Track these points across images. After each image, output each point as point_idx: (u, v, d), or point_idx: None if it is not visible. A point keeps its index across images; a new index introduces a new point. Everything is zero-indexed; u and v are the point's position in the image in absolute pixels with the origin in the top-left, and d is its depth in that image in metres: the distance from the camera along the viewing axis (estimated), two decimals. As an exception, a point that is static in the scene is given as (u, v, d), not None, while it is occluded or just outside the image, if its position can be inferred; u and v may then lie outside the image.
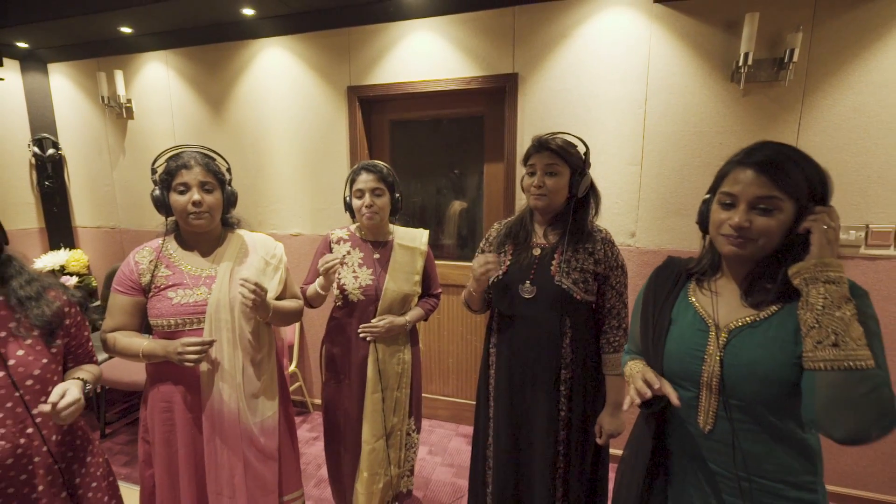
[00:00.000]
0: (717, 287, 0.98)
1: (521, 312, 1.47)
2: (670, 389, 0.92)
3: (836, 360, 0.75)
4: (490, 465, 1.61)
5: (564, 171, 1.38)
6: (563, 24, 2.26)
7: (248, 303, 1.34)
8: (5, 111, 3.24)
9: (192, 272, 1.42)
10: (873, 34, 1.89)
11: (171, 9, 2.55)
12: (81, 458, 1.24)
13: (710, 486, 0.95)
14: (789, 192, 0.84)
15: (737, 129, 2.08)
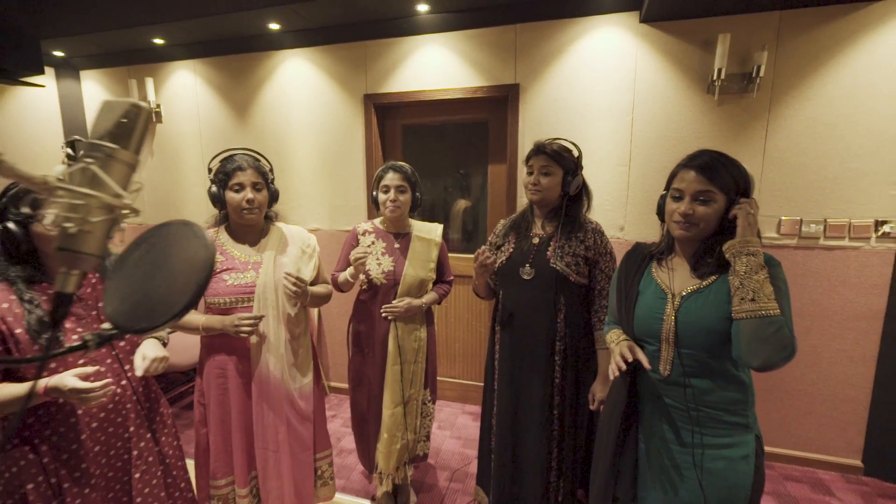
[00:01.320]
0: (673, 264, 1.25)
1: (522, 292, 1.73)
2: (642, 356, 1.18)
3: (753, 310, 1.02)
4: (494, 431, 1.87)
5: (557, 171, 1.64)
6: (560, 40, 2.52)
7: (290, 293, 1.60)
8: (41, 115, 3.49)
9: (242, 258, 1.67)
10: (829, 53, 2.15)
11: (204, 23, 2.80)
12: (156, 407, 1.50)
13: (669, 418, 1.21)
14: (721, 187, 1.11)
15: (712, 135, 2.34)
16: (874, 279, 2.22)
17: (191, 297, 0.60)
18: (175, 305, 0.59)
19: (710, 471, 1.16)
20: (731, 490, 1.15)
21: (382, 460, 1.99)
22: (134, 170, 0.55)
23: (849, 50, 2.14)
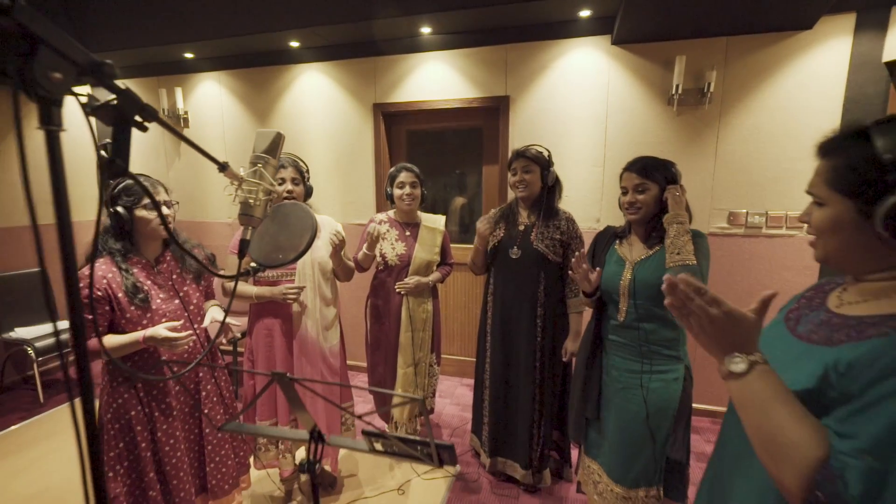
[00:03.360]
0: (630, 241, 1.66)
1: (510, 269, 2.13)
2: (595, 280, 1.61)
3: (679, 261, 1.42)
4: (487, 385, 2.27)
5: (536, 169, 2.04)
6: (545, 59, 2.93)
7: (336, 241, 1.98)
8: (79, 119, 3.84)
9: (283, 242, 2.06)
10: (768, 72, 2.57)
11: (231, 40, 3.17)
12: (215, 359, 1.89)
13: (623, 354, 1.62)
14: (652, 179, 1.52)
15: (672, 140, 2.76)
16: (807, 262, 2.64)
17: (305, 246, 0.99)
18: (295, 251, 0.99)
19: (651, 389, 1.57)
20: (664, 402, 1.56)
21: (397, 412, 2.39)
22: (276, 170, 0.94)
23: (784, 70, 2.56)
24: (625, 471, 1.63)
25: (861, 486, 0.57)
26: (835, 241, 0.74)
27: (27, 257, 3.53)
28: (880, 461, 0.57)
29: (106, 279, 1.56)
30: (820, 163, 0.76)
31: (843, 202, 0.71)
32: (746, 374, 0.68)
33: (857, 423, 0.61)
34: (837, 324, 0.73)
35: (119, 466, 1.64)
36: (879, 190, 0.65)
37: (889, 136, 0.65)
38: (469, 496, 2.25)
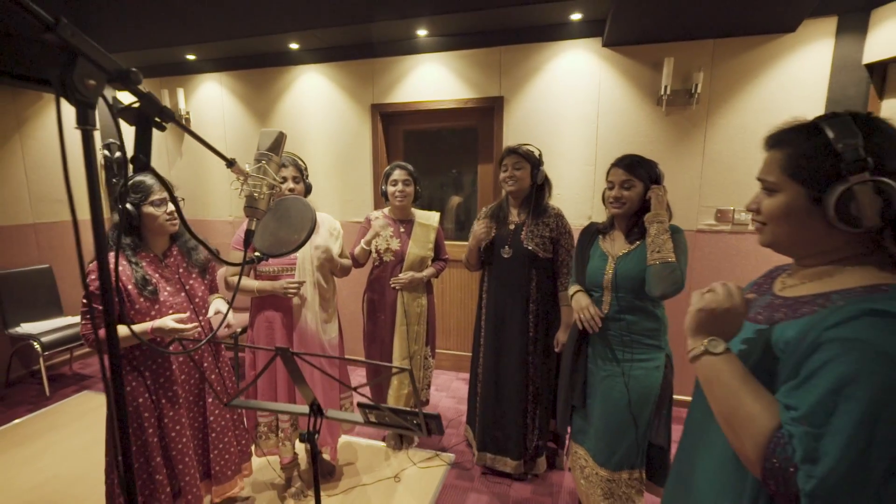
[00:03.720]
0: (613, 236, 1.74)
1: (502, 267, 2.21)
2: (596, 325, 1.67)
3: (659, 259, 1.51)
4: (480, 380, 2.35)
5: (526, 166, 2.12)
6: (538, 60, 3.01)
7: (323, 257, 2.07)
8: (82, 121, 3.92)
9: (283, 238, 2.14)
10: (753, 74, 2.66)
11: (232, 42, 3.25)
12: (219, 350, 1.97)
13: (607, 344, 1.70)
14: (638, 177, 1.60)
15: (661, 139, 2.84)
16: (791, 257, 2.72)
17: (305, 237, 1.07)
18: (295, 242, 1.07)
19: (633, 377, 1.65)
20: (646, 388, 1.64)
21: (393, 402, 2.46)
22: (279, 167, 1.02)
23: (768, 71, 2.64)
24: (609, 454, 1.71)
25: (802, 450, 0.64)
26: (785, 226, 0.79)
27: (32, 254, 3.60)
28: (815, 427, 0.64)
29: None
30: (771, 153, 0.82)
31: (796, 189, 0.76)
32: (721, 355, 0.77)
33: (797, 396, 0.68)
34: (778, 305, 0.81)
35: (127, 451, 1.72)
36: (831, 177, 0.71)
37: (840, 128, 0.71)
38: (463, 483, 2.33)
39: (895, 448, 0.61)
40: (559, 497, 2.23)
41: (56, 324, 3.45)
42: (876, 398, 0.61)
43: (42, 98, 3.61)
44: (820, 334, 0.67)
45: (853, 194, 0.69)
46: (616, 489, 1.72)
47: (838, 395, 0.63)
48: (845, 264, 0.76)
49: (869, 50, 2.45)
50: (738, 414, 0.73)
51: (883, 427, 0.60)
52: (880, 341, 0.63)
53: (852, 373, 0.63)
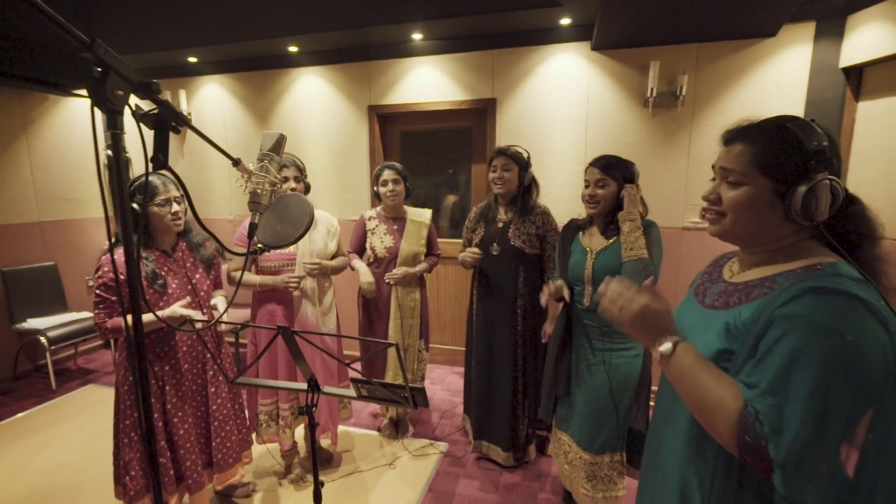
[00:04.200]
0: (592, 232, 1.84)
1: (492, 264, 2.31)
2: (566, 293, 1.77)
3: (633, 255, 1.60)
4: (474, 370, 2.45)
5: (514, 168, 2.22)
6: (529, 63, 3.11)
7: (311, 272, 2.16)
8: (85, 121, 4.01)
9: (283, 234, 2.24)
10: (735, 77, 2.76)
11: (233, 45, 3.35)
12: (221, 343, 2.07)
13: (588, 335, 1.80)
14: (612, 176, 1.70)
15: (648, 140, 2.94)
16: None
17: (302, 231, 1.17)
18: (294, 236, 1.16)
19: (613, 365, 1.75)
20: (626, 376, 1.74)
21: (388, 392, 2.56)
22: (280, 166, 1.12)
23: (750, 74, 2.74)
24: (591, 439, 1.81)
25: (768, 423, 0.71)
26: (745, 216, 0.84)
27: (38, 252, 3.69)
28: (776, 399, 0.71)
29: (127, 265, 1.74)
30: (737, 146, 0.85)
31: (763, 182, 0.81)
32: (674, 353, 0.82)
33: (757, 373, 0.74)
34: (731, 290, 0.89)
35: (133, 434, 1.82)
36: (798, 175, 0.77)
37: (808, 131, 0.78)
38: (455, 470, 2.43)
39: (848, 410, 0.67)
40: (546, 482, 2.33)
41: (61, 319, 3.54)
42: (823, 367, 0.68)
43: (47, 100, 3.70)
44: (772, 313, 0.74)
45: (815, 191, 0.76)
46: (598, 472, 1.82)
47: (791, 368, 0.70)
48: (788, 251, 0.84)
49: (845, 54, 2.55)
50: (707, 402, 0.78)
51: (834, 392, 0.67)
52: (819, 316, 0.70)
53: (799, 347, 0.70)
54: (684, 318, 0.98)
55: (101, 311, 1.74)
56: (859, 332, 0.68)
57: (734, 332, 0.81)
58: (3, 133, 3.45)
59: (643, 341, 0.88)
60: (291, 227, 1.17)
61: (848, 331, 0.68)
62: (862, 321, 0.69)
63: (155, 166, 0.79)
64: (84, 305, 3.97)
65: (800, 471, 0.68)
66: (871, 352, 0.68)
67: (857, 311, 0.69)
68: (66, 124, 3.86)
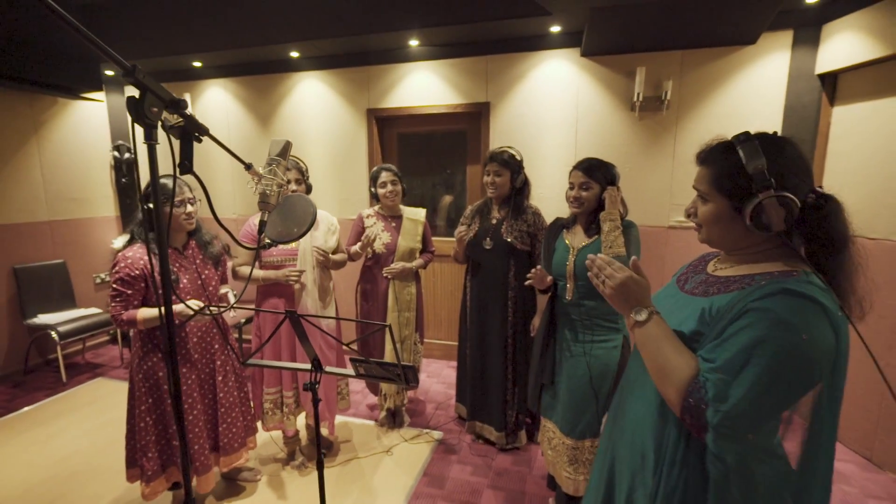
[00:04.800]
0: (575, 231, 1.97)
1: (484, 257, 2.44)
2: (549, 280, 1.90)
3: (612, 252, 1.73)
4: (467, 359, 2.58)
5: (506, 173, 2.35)
6: (521, 69, 3.24)
7: (319, 259, 2.29)
8: (93, 123, 4.14)
9: (286, 232, 2.37)
10: (718, 82, 2.89)
11: (237, 51, 3.47)
12: (227, 335, 2.19)
13: (572, 327, 1.93)
14: (595, 179, 1.83)
15: (635, 142, 3.07)
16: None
17: (306, 228, 1.30)
18: (298, 233, 1.29)
19: (594, 355, 1.88)
20: (605, 366, 1.86)
21: (385, 384, 2.69)
22: (286, 169, 1.24)
23: (732, 80, 2.87)
24: (573, 425, 1.93)
25: (714, 391, 0.83)
26: (716, 228, 0.96)
27: (47, 250, 3.82)
28: (726, 375, 0.82)
29: (143, 261, 1.87)
30: (702, 168, 0.97)
31: (722, 200, 0.92)
32: (647, 322, 0.95)
33: (716, 352, 0.86)
34: (712, 282, 1.01)
35: (148, 418, 1.95)
36: (745, 193, 0.88)
37: (749, 152, 0.89)
38: (449, 456, 2.56)
39: (784, 395, 0.79)
40: (534, 467, 2.46)
41: (70, 315, 3.67)
42: (777, 356, 0.79)
43: (57, 102, 3.83)
44: (746, 304, 0.85)
45: (762, 207, 0.86)
46: (580, 455, 1.94)
47: (750, 352, 0.80)
48: (765, 255, 0.95)
49: (821, 61, 2.68)
50: (666, 367, 0.90)
51: (778, 378, 0.79)
52: (786, 313, 0.80)
53: (763, 336, 0.79)
54: (662, 301, 1.11)
55: (117, 305, 1.87)
56: (814, 333, 0.79)
57: (707, 317, 0.93)
58: (15, 135, 3.58)
59: (621, 309, 1.00)
60: (296, 225, 1.30)
61: (805, 330, 0.78)
62: (819, 324, 0.80)
63: (181, 171, 0.92)
64: (92, 302, 4.10)
65: (730, 435, 0.81)
66: (819, 351, 0.79)
67: (817, 316, 0.80)
68: (74, 126, 3.98)
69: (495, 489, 2.30)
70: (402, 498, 2.23)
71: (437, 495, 2.25)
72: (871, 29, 2.35)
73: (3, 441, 2.75)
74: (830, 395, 0.83)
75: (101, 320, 3.70)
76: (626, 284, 0.98)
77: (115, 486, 2.33)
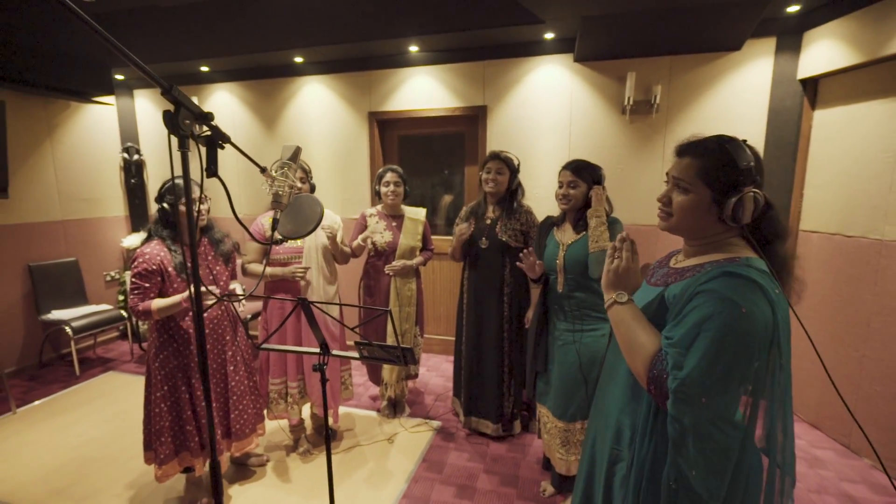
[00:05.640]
0: (564, 228, 2.09)
1: (480, 255, 2.57)
2: (539, 269, 2.03)
3: (598, 247, 1.86)
4: (463, 355, 2.70)
5: (506, 172, 2.47)
6: (517, 73, 3.36)
7: (329, 235, 2.41)
8: (104, 126, 4.28)
9: (292, 231, 2.49)
10: (705, 86, 3.01)
11: (243, 56, 3.60)
12: (237, 327, 2.32)
13: (563, 317, 2.06)
14: (582, 178, 1.96)
15: (626, 144, 3.20)
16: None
17: (314, 225, 1.42)
18: (306, 229, 1.42)
19: (583, 343, 2.01)
20: (593, 353, 1.99)
21: (387, 374, 2.82)
22: (296, 171, 1.37)
23: (718, 84, 3.00)
24: (565, 409, 2.07)
25: (672, 362, 0.96)
26: (690, 217, 1.04)
27: (61, 248, 3.96)
28: (681, 348, 0.95)
29: (160, 256, 2.00)
30: (687, 159, 1.04)
31: (705, 191, 1.00)
32: (625, 304, 1.09)
33: (674, 330, 0.99)
34: (671, 273, 1.14)
35: (164, 405, 2.08)
36: (731, 186, 0.97)
37: (740, 151, 1.00)
38: (447, 444, 2.69)
39: (730, 362, 0.91)
40: (528, 453, 2.59)
41: (82, 311, 3.80)
42: (722, 329, 0.91)
43: (69, 107, 3.96)
44: (696, 288, 0.98)
45: (743, 201, 0.96)
46: (571, 437, 2.08)
47: (700, 327, 0.92)
48: (716, 246, 1.07)
49: (802, 67, 2.80)
50: (635, 343, 1.03)
51: (725, 347, 0.91)
52: (728, 292, 0.93)
53: (709, 313, 0.91)
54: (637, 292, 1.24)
55: (135, 297, 2.00)
56: (753, 307, 0.91)
57: (666, 302, 1.06)
58: (31, 138, 3.71)
59: (611, 287, 1.13)
60: (305, 223, 1.43)
61: (745, 305, 0.91)
62: (756, 300, 0.92)
63: (207, 175, 1.05)
64: (102, 298, 4.24)
65: (685, 399, 0.93)
66: (757, 322, 0.91)
67: (754, 293, 0.92)
68: (86, 129, 4.12)
69: (490, 473, 2.43)
70: (403, 481, 2.36)
71: (435, 479, 2.38)
72: (848, 37, 2.47)
73: (23, 429, 2.89)
74: (778, 366, 0.95)
75: (112, 316, 3.84)
76: (632, 270, 1.12)
77: (130, 470, 2.46)
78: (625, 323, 1.08)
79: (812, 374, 2.78)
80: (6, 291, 3.60)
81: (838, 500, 2.21)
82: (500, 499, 2.24)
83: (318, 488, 2.32)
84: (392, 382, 2.86)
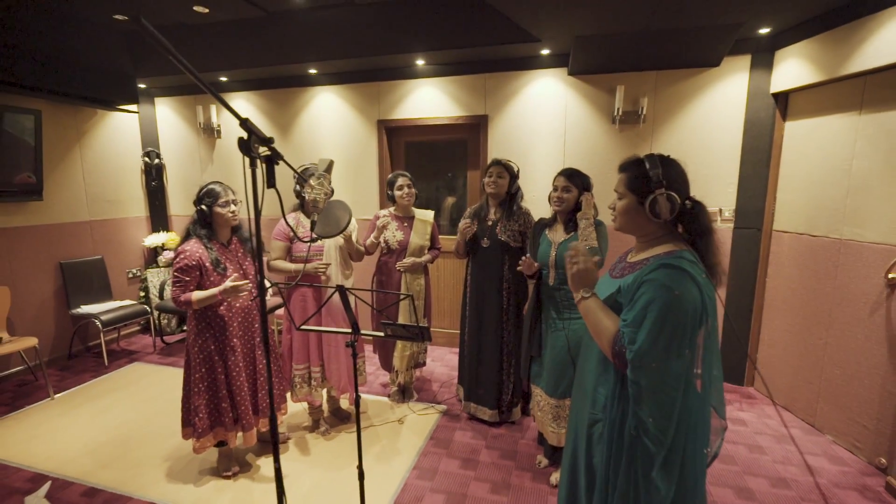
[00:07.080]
0: (556, 228, 2.37)
1: (482, 254, 2.84)
2: (536, 266, 2.31)
3: (587, 244, 2.12)
4: (466, 345, 2.97)
5: (507, 176, 2.74)
6: (516, 85, 3.64)
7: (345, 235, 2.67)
8: (126, 132, 4.54)
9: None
10: (688, 99, 3.29)
11: (261, 68, 3.87)
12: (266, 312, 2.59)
13: (555, 307, 2.33)
14: (574, 184, 2.23)
15: (615, 151, 3.47)
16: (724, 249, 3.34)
17: (344, 226, 1.70)
18: (338, 229, 1.69)
19: (572, 329, 2.28)
20: (580, 337, 2.23)
21: (398, 362, 3.10)
22: (329, 181, 1.64)
23: (699, 97, 3.27)
24: (555, 387, 2.33)
25: (628, 338, 1.22)
26: (626, 217, 1.32)
27: (88, 247, 4.23)
28: (634, 327, 1.22)
29: (199, 253, 2.26)
30: (621, 174, 1.37)
31: (632, 196, 1.28)
32: (589, 298, 1.35)
33: (628, 314, 1.25)
34: (626, 266, 1.41)
35: (202, 385, 2.34)
36: (646, 191, 1.26)
37: (651, 164, 1.28)
38: (452, 424, 2.96)
39: (671, 333, 1.16)
40: (526, 433, 2.86)
41: (108, 306, 4.07)
42: (662, 309, 1.17)
43: (97, 114, 4.23)
44: (642, 278, 1.25)
45: (657, 200, 1.27)
46: (561, 412, 2.34)
47: (646, 310, 1.17)
48: (659, 241, 1.34)
49: (774, 82, 3.08)
50: (600, 327, 1.30)
51: (666, 323, 1.16)
52: (665, 279, 1.20)
53: (652, 297, 1.16)
54: (600, 284, 1.51)
55: (177, 289, 2.26)
56: (684, 290, 1.17)
57: (622, 291, 1.32)
58: (62, 144, 3.99)
59: (576, 286, 1.38)
60: (336, 224, 1.70)
61: (677, 289, 1.17)
62: (686, 284, 1.18)
63: (268, 186, 1.31)
64: (126, 294, 4.51)
65: (640, 365, 1.20)
66: (688, 302, 1.17)
67: (684, 279, 1.19)
68: (112, 135, 4.39)
69: (491, 449, 2.70)
70: (414, 454, 2.63)
71: (442, 453, 2.65)
72: (813, 57, 2.75)
73: (63, 413, 3.16)
74: (709, 335, 1.22)
75: (137, 311, 4.11)
76: (588, 270, 1.37)
77: (167, 447, 2.73)
78: (592, 312, 1.33)
79: (784, 363, 3.06)
80: (41, 287, 3.87)
81: (800, 469, 2.49)
82: (501, 469, 2.52)
83: (339, 461, 2.59)
84: (402, 370, 3.13)
